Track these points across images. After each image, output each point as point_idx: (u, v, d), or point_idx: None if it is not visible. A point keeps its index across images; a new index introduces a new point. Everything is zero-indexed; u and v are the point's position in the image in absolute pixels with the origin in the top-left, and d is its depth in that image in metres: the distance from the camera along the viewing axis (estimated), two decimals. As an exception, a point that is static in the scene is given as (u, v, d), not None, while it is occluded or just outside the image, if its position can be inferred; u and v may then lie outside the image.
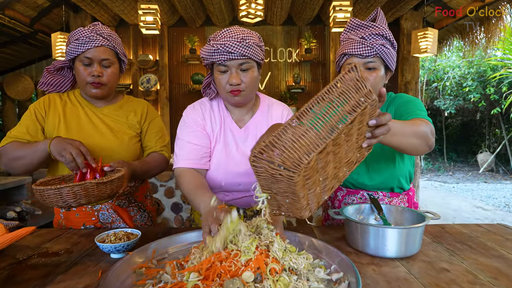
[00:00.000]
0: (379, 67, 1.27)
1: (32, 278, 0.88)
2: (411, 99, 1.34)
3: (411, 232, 0.99)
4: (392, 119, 0.90)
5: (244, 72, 1.19)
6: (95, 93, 1.37)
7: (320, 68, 4.86)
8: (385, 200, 1.41)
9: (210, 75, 1.30)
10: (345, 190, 1.48)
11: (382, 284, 0.84)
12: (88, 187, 1.02)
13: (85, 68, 1.34)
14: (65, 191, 1.00)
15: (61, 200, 1.02)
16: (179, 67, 4.80)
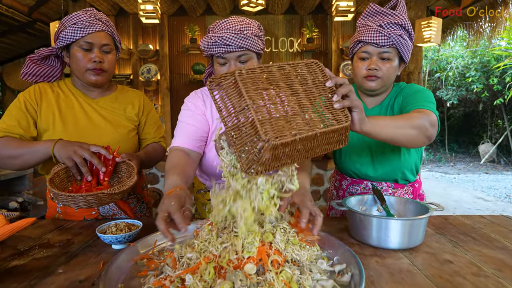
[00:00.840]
0: (393, 57, 1.25)
1: (33, 269, 0.88)
2: (420, 89, 1.30)
3: (414, 224, 0.98)
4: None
5: (243, 64, 1.18)
6: (95, 80, 1.31)
7: (322, 58, 4.80)
8: (389, 191, 1.40)
9: (211, 65, 1.28)
10: (349, 179, 1.47)
11: (385, 276, 0.83)
12: (101, 196, 1.08)
13: (85, 53, 1.27)
14: (79, 199, 1.06)
15: (73, 204, 1.09)
16: (179, 57, 4.75)
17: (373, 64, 1.25)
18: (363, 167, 1.40)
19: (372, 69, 1.25)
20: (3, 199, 3.52)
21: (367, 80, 1.28)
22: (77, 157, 1.12)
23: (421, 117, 1.07)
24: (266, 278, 0.68)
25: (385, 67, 1.25)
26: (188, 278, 0.69)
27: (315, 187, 3.55)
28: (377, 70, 1.25)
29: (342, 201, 1.12)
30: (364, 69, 1.27)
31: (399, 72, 1.31)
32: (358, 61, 1.30)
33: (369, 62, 1.26)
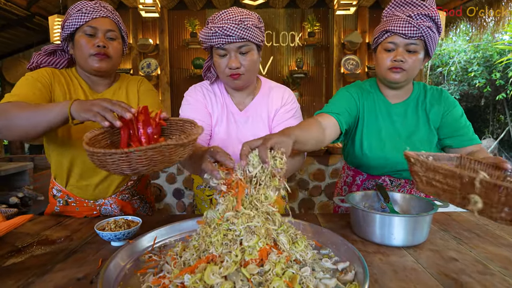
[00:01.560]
0: (420, 50, 1.22)
1: (31, 267, 0.87)
2: (461, 112, 1.33)
3: (418, 221, 0.96)
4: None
5: (243, 55, 1.16)
6: (98, 67, 1.23)
7: (323, 53, 4.76)
8: (407, 187, 1.39)
9: (210, 59, 1.26)
10: (365, 174, 1.44)
11: (389, 274, 0.82)
12: (165, 150, 0.77)
13: (89, 39, 1.22)
14: (136, 156, 0.74)
15: (127, 167, 0.76)
16: (179, 52, 4.71)
17: (399, 56, 1.22)
18: (391, 159, 1.35)
19: (398, 60, 1.22)
20: (4, 195, 3.51)
21: (392, 72, 1.25)
22: (97, 106, 0.90)
23: None
24: (268, 279, 0.66)
25: (411, 60, 1.22)
26: (187, 278, 0.68)
27: (316, 182, 3.54)
28: (403, 62, 1.22)
29: (345, 197, 1.10)
30: (389, 60, 1.24)
31: (423, 66, 1.29)
32: (382, 52, 1.27)
33: (395, 53, 1.23)
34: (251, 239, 0.74)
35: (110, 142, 0.94)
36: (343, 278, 0.76)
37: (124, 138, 0.89)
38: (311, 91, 4.84)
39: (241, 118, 1.29)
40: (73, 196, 1.35)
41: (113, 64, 1.29)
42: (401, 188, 1.39)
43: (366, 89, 1.40)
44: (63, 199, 1.37)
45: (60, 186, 1.37)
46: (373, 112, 1.37)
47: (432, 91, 1.36)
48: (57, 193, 1.38)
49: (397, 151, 1.33)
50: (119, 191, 1.40)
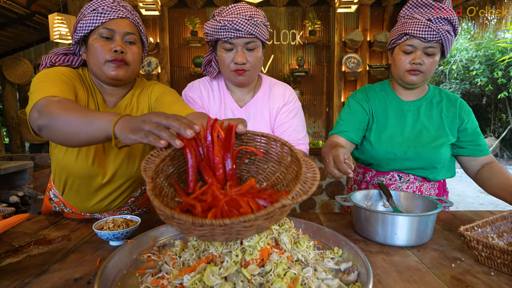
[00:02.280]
0: (437, 53, 1.25)
1: (28, 267, 0.85)
2: (476, 121, 1.37)
3: (422, 220, 0.94)
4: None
5: (249, 52, 1.15)
6: (115, 75, 1.07)
7: (324, 51, 4.74)
8: (416, 183, 1.38)
9: (211, 52, 1.24)
10: (374, 171, 1.45)
11: (393, 274, 0.80)
12: (276, 213, 0.56)
13: (105, 43, 1.06)
14: (220, 231, 0.54)
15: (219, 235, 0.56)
16: (180, 50, 4.69)
17: (418, 59, 1.24)
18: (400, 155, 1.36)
19: (417, 63, 1.25)
20: (4, 193, 3.50)
21: (410, 74, 1.28)
22: (148, 124, 0.68)
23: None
24: (269, 280, 0.65)
25: (429, 62, 1.25)
26: (186, 278, 0.66)
27: (317, 181, 3.53)
28: (421, 65, 1.25)
29: (347, 196, 1.09)
30: (408, 62, 1.27)
31: (437, 66, 1.32)
32: (400, 54, 1.28)
33: (414, 56, 1.25)
34: (251, 238, 0.72)
35: (174, 170, 0.71)
36: (345, 279, 0.74)
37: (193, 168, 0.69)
38: (312, 89, 4.82)
39: (241, 115, 1.27)
40: (69, 206, 1.28)
41: (132, 72, 1.13)
42: (410, 184, 1.39)
43: (376, 90, 1.45)
44: (59, 207, 1.30)
45: (56, 192, 1.29)
46: (384, 109, 1.40)
47: (448, 96, 1.39)
48: (53, 197, 1.31)
49: (406, 146, 1.34)
50: (117, 207, 1.30)
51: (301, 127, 1.31)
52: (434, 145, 1.31)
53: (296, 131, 1.29)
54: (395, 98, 1.40)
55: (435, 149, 1.31)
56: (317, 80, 4.80)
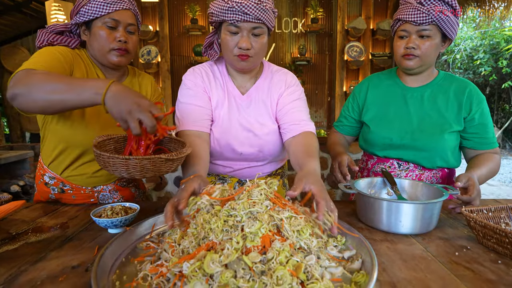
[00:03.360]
0: (434, 35, 1.21)
1: (25, 254, 0.83)
2: (488, 110, 1.31)
3: (428, 208, 0.92)
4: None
5: (255, 37, 1.11)
6: (118, 61, 1.19)
7: (326, 39, 4.66)
8: (416, 171, 1.35)
9: (214, 34, 1.20)
10: (375, 158, 1.44)
11: (398, 263, 0.78)
12: (157, 162, 0.88)
13: (110, 32, 1.15)
14: (133, 163, 0.86)
15: (125, 170, 0.87)
16: (180, 39, 4.62)
17: (411, 43, 1.23)
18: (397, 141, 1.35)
19: (410, 47, 1.23)
20: (5, 183, 3.50)
21: (405, 59, 1.27)
22: (132, 120, 0.84)
23: (498, 164, 1.28)
24: (271, 267, 0.63)
25: (424, 46, 1.22)
26: (185, 266, 0.64)
27: (319, 171, 3.51)
28: (414, 49, 1.23)
29: (350, 183, 1.06)
30: (403, 48, 1.26)
31: (443, 49, 1.29)
32: (397, 40, 1.28)
33: (408, 40, 1.24)
34: (253, 225, 0.70)
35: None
36: (349, 267, 0.73)
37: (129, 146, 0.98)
38: (314, 78, 4.76)
39: (243, 102, 1.24)
40: (69, 183, 1.30)
41: (130, 58, 1.25)
42: (410, 172, 1.36)
43: (382, 78, 1.44)
44: (58, 187, 1.31)
45: (53, 173, 1.30)
46: (386, 96, 1.39)
47: (458, 83, 1.33)
48: (50, 180, 1.31)
49: (404, 132, 1.32)
50: (117, 178, 1.36)
51: (304, 109, 1.25)
52: (434, 132, 1.28)
53: (300, 112, 1.22)
54: (399, 84, 1.38)
55: (434, 137, 1.28)
56: (319, 69, 4.74)
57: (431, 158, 1.31)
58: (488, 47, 9.15)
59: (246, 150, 1.24)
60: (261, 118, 1.24)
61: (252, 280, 0.60)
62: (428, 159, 1.31)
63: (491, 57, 9.04)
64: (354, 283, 0.66)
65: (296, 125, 1.19)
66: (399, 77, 1.40)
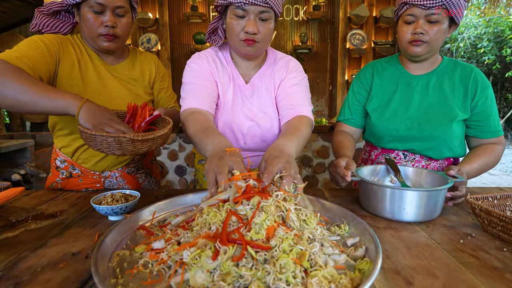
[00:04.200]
0: (442, 19, 1.14)
1: (24, 241, 0.83)
2: (493, 97, 1.25)
3: (432, 195, 0.91)
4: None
5: (262, 22, 1.08)
6: (107, 46, 1.18)
7: (328, 27, 4.60)
8: (422, 162, 1.32)
9: (218, 19, 1.17)
10: (379, 149, 1.40)
11: (402, 250, 0.77)
12: (122, 140, 0.93)
13: (96, 16, 1.13)
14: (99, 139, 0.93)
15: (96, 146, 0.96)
16: (180, 26, 4.56)
17: (419, 28, 1.16)
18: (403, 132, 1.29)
19: (418, 33, 1.16)
20: (6, 172, 3.50)
21: (412, 46, 1.20)
22: (108, 127, 0.95)
23: (499, 154, 1.24)
24: (274, 255, 0.62)
25: (433, 31, 1.15)
26: (185, 254, 0.63)
27: (320, 159, 3.49)
28: (423, 35, 1.16)
29: (353, 171, 1.05)
30: (409, 33, 1.19)
31: (449, 35, 1.22)
32: (403, 25, 1.21)
33: (415, 25, 1.17)
34: (258, 216, 0.69)
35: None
36: (353, 254, 0.72)
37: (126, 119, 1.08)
38: (316, 67, 4.71)
39: (246, 92, 1.22)
40: (78, 166, 1.30)
41: (122, 42, 1.23)
42: (416, 163, 1.32)
43: (384, 65, 1.38)
44: (67, 171, 1.32)
45: (65, 156, 1.31)
46: (390, 85, 1.33)
47: (463, 68, 1.27)
48: (60, 164, 1.32)
49: (410, 122, 1.27)
50: (126, 164, 1.36)
51: (305, 94, 1.21)
52: (441, 122, 1.23)
53: (300, 98, 1.19)
54: (403, 72, 1.32)
55: (441, 127, 1.23)
56: (320, 57, 4.68)
57: (438, 149, 1.27)
58: (492, 35, 9.01)
59: (249, 140, 1.23)
60: (264, 107, 1.22)
61: (254, 268, 0.59)
62: (436, 149, 1.27)
63: (495, 45, 8.91)
64: (358, 270, 0.65)
65: (291, 110, 1.16)
66: (402, 64, 1.34)
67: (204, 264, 0.60)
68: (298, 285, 0.57)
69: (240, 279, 0.57)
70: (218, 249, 0.61)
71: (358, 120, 1.43)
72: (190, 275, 0.60)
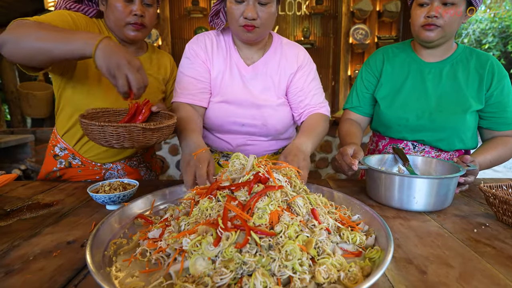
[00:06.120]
0: (459, 2, 1.08)
1: (18, 230, 0.79)
2: (509, 87, 1.18)
3: (443, 183, 0.87)
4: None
5: (262, 6, 1.04)
6: (134, 36, 1.15)
7: (331, 22, 4.54)
8: (432, 153, 1.26)
9: (220, 2, 1.13)
10: (387, 139, 1.34)
11: (413, 239, 0.73)
12: (132, 130, 0.87)
13: (126, 5, 1.10)
14: (109, 130, 0.86)
15: (103, 139, 0.89)
16: (181, 21, 4.51)
17: (432, 11, 1.09)
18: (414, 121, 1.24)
19: (431, 16, 1.10)
20: (6, 167, 3.48)
21: (425, 30, 1.13)
22: (120, 75, 0.85)
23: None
24: (279, 242, 0.58)
25: (447, 14, 1.08)
26: (185, 242, 0.59)
27: (323, 154, 3.45)
28: (437, 18, 1.10)
29: (361, 160, 1.01)
30: (423, 17, 1.12)
31: (465, 20, 1.14)
32: (416, 8, 1.15)
33: (429, 8, 1.10)
34: (262, 200, 0.65)
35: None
36: (362, 243, 0.68)
37: (124, 120, 1.02)
38: (318, 62, 4.64)
39: (247, 74, 1.18)
40: (79, 156, 1.26)
41: (148, 32, 1.20)
42: (425, 154, 1.27)
43: (395, 51, 1.32)
44: (66, 160, 1.27)
45: (66, 144, 1.26)
46: (401, 72, 1.28)
47: (478, 56, 1.21)
48: (60, 152, 1.28)
49: (421, 112, 1.21)
50: (129, 156, 1.33)
51: (319, 90, 1.25)
52: (454, 112, 1.18)
53: (316, 95, 1.23)
54: (415, 59, 1.26)
55: (454, 117, 1.18)
56: (323, 52, 4.62)
57: (449, 140, 1.21)
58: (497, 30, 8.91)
59: (248, 122, 1.19)
60: (266, 91, 1.19)
61: (259, 255, 0.56)
62: (447, 141, 1.22)
63: (500, 41, 8.82)
64: (368, 259, 0.62)
65: (308, 108, 1.22)
66: (414, 51, 1.28)
67: (205, 251, 0.56)
68: (305, 273, 0.53)
69: (244, 266, 0.53)
70: (219, 236, 0.58)
71: (366, 108, 1.37)
72: (190, 263, 0.56)
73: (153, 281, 0.55)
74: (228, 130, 1.22)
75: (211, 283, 0.52)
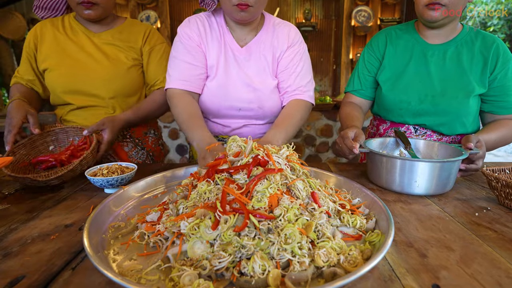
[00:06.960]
0: None
1: (16, 213, 0.79)
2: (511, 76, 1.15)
3: (445, 167, 0.85)
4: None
5: None
6: (87, 15, 1.19)
7: (333, 4, 4.43)
8: (434, 137, 1.24)
9: None
10: (388, 123, 1.32)
11: (414, 223, 0.73)
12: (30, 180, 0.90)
13: None
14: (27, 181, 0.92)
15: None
16: (180, 3, 4.41)
17: None
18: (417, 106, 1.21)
19: None
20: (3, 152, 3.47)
21: (428, 9, 1.08)
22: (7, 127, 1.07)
23: None
24: (278, 225, 0.57)
25: None
26: (183, 225, 0.59)
27: (324, 138, 3.43)
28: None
29: (362, 143, 0.99)
30: None
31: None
32: None
33: None
34: (261, 183, 0.64)
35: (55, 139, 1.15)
36: (362, 226, 0.67)
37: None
38: (319, 45, 4.57)
39: (241, 55, 1.15)
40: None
41: (103, 9, 1.21)
42: (427, 138, 1.25)
43: (398, 32, 1.28)
44: None
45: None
46: (404, 54, 1.24)
47: (484, 38, 1.17)
48: None
49: (424, 95, 1.19)
50: (123, 138, 1.36)
51: (306, 72, 1.20)
52: (457, 96, 1.15)
53: (300, 77, 1.18)
54: (419, 41, 1.23)
55: (456, 101, 1.15)
56: (324, 35, 4.54)
57: (451, 124, 1.19)
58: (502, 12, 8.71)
59: (245, 106, 1.17)
60: (262, 73, 1.16)
61: (257, 238, 0.55)
62: (449, 125, 1.19)
63: (506, 23, 8.64)
64: (368, 243, 0.61)
65: (289, 93, 1.18)
66: (418, 32, 1.24)
67: (203, 235, 0.56)
68: (305, 256, 0.53)
69: (242, 249, 0.53)
70: (218, 219, 0.57)
71: (367, 91, 1.34)
72: (188, 246, 0.56)
73: (151, 264, 0.55)
74: (225, 115, 1.20)
75: (209, 266, 0.51)
